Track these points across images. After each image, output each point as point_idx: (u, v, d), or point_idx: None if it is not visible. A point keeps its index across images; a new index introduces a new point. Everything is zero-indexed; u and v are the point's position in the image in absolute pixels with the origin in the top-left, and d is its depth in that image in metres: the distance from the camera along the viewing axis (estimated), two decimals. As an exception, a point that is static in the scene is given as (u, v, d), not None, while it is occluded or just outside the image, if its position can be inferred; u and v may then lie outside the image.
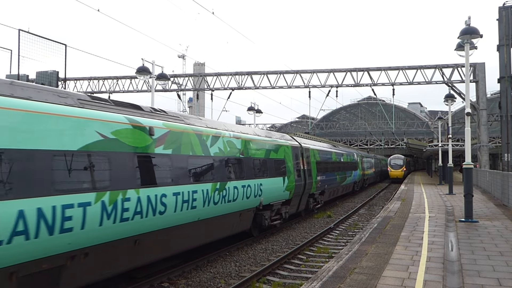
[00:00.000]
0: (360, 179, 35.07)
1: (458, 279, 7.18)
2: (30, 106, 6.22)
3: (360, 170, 34.36)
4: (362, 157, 36.49)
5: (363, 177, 36.50)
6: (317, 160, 20.95)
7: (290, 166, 16.51)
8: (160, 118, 9.20)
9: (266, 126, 72.49)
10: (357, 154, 34.61)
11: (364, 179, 37.64)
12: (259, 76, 33.52)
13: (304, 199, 18.85)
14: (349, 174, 28.95)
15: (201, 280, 9.78)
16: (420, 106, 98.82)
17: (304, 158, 18.85)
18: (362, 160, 36.51)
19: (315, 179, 19.94)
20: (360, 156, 35.40)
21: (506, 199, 17.59)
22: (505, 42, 26.24)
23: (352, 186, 31.11)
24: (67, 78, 33.45)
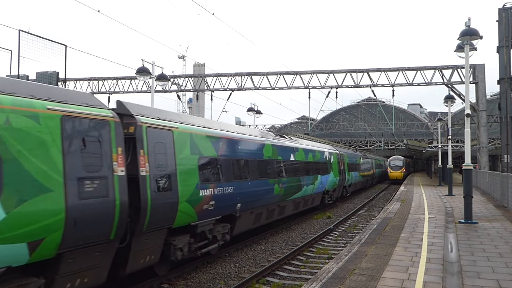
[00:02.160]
0: (337, 187, 25.17)
1: (458, 280, 7.18)
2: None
3: (336, 174, 24.62)
4: (340, 156, 26.75)
5: (342, 183, 26.50)
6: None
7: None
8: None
9: (265, 127, 72.50)
10: (331, 151, 24.78)
11: (344, 186, 27.70)
12: (259, 77, 33.53)
13: None
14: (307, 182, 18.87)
15: (200, 281, 9.78)
16: (420, 107, 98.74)
17: None
18: (341, 159, 26.73)
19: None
20: (336, 155, 25.54)
21: (505, 200, 17.59)
22: (505, 44, 26.28)
23: (319, 198, 21.84)
24: (67, 79, 33.45)
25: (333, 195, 24.75)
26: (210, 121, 11.82)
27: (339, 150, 28.09)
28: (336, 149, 27.12)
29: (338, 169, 25.24)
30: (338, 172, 25.13)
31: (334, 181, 23.96)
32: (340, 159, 26.58)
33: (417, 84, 31.16)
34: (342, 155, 27.43)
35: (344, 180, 27.26)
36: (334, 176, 24.01)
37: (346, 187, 28.73)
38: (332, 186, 23.80)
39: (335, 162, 24.80)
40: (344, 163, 27.69)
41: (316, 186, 20.01)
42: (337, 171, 24.92)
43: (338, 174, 25.19)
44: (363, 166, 37.05)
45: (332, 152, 24.55)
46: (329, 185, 22.91)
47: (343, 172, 26.82)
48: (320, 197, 21.86)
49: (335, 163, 24.78)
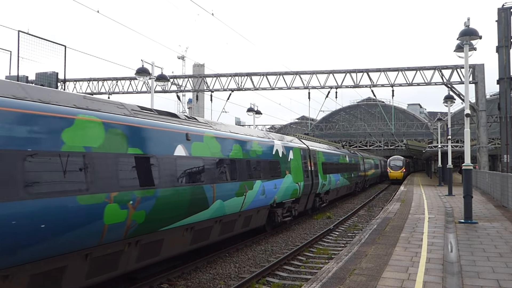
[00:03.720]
0: (301, 195, 17.93)
1: (458, 280, 7.18)
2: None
3: (298, 178, 17.34)
4: (308, 152, 19.52)
5: (311, 190, 19.39)
6: None
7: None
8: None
9: (265, 127, 72.52)
10: (288, 144, 17.23)
11: (317, 193, 20.82)
12: (258, 77, 33.55)
13: None
14: None
15: (200, 281, 9.78)
16: (419, 107, 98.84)
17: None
18: (311, 157, 19.75)
19: None
20: (299, 150, 18.12)
21: (505, 200, 17.59)
22: (504, 44, 26.32)
23: (263, 215, 14.72)
24: (67, 79, 33.48)
25: (295, 207, 17.32)
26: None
27: (310, 145, 20.97)
28: (301, 143, 19.65)
29: (303, 171, 17.99)
30: (303, 175, 17.87)
31: (293, 188, 16.51)
32: (309, 156, 19.35)
33: (416, 84, 31.20)
34: (313, 152, 20.33)
35: (316, 186, 19.96)
36: (295, 181, 16.70)
37: (321, 194, 21.65)
38: (291, 195, 16.42)
39: (297, 161, 17.43)
40: (317, 162, 20.68)
41: (251, 197, 12.70)
42: (300, 173, 17.60)
43: (304, 178, 17.92)
44: (350, 167, 30.10)
45: (290, 146, 17.05)
46: (283, 194, 15.55)
47: (314, 174, 19.69)
48: (265, 213, 14.50)
49: (297, 161, 17.42)
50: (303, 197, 18.52)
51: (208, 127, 11.40)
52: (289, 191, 16.20)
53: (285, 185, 15.73)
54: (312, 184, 19.38)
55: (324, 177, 21.61)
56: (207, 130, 11.14)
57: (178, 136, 9.64)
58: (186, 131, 10.01)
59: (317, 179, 20.28)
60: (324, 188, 21.80)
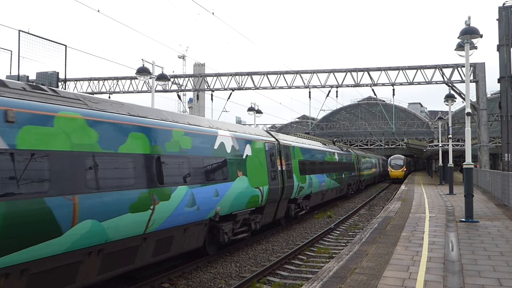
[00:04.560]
0: (266, 203, 14.16)
1: (459, 279, 7.17)
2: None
3: (261, 181, 13.71)
4: (277, 148, 15.60)
5: (283, 195, 15.55)
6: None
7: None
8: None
9: (266, 126, 72.50)
10: (242, 136, 13.50)
11: (293, 199, 17.18)
12: (259, 76, 33.53)
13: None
14: None
15: (201, 280, 9.78)
16: (420, 106, 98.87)
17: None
18: (281, 153, 15.84)
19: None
20: (263, 144, 14.47)
21: (506, 199, 17.58)
22: (505, 42, 26.30)
23: (198, 235, 10.69)
24: (68, 79, 33.49)
25: (255, 219, 13.44)
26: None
27: (283, 138, 16.89)
28: (268, 135, 15.55)
29: (268, 171, 14.04)
30: (267, 177, 13.92)
31: (251, 195, 12.62)
32: (279, 153, 15.49)
33: (417, 83, 31.16)
34: (286, 147, 16.35)
35: (290, 190, 16.04)
36: (253, 185, 12.83)
37: (298, 200, 17.73)
38: (247, 204, 12.55)
39: (258, 158, 13.53)
40: (292, 160, 16.75)
41: (166, 211, 8.92)
42: (264, 174, 13.65)
43: (269, 180, 14.00)
44: (340, 166, 26.64)
45: (247, 139, 13.04)
46: (233, 203, 11.65)
47: (287, 175, 15.80)
48: (200, 231, 10.44)
49: (258, 159, 13.51)
50: (270, 205, 14.41)
51: (71, 103, 7.24)
52: (244, 198, 12.17)
53: (236, 191, 11.67)
54: (284, 188, 15.39)
55: (303, 179, 17.84)
56: (65, 108, 6.97)
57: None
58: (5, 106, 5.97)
59: (291, 181, 16.32)
60: (303, 192, 18.08)
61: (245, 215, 12.74)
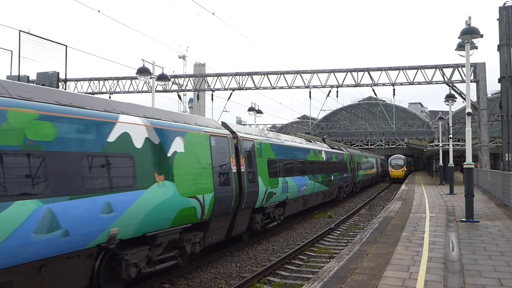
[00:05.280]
0: (211, 217, 10.56)
1: (459, 279, 7.17)
2: None
3: (197, 188, 9.94)
4: (226, 142, 12.09)
5: (239, 203, 12.17)
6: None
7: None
8: None
9: (266, 126, 72.50)
10: (159, 125, 9.29)
11: (259, 208, 13.93)
12: (259, 76, 33.53)
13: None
14: None
15: (201, 280, 9.78)
16: (420, 106, 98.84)
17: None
18: (234, 148, 12.19)
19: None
20: (204, 138, 10.68)
21: (507, 199, 17.57)
22: (506, 42, 26.29)
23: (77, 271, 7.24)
24: (68, 79, 33.47)
25: (193, 239, 10.05)
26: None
27: (244, 131, 13.46)
28: (218, 127, 11.79)
29: (214, 173, 10.64)
30: (212, 181, 10.52)
31: (179, 207, 9.22)
32: (235, 149, 12.13)
33: (417, 83, 31.15)
34: (246, 142, 12.97)
35: (252, 197, 12.81)
36: (185, 193, 9.39)
37: (268, 209, 14.45)
38: (174, 221, 9.17)
39: (197, 156, 10.12)
40: (256, 159, 13.43)
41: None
42: (207, 177, 10.34)
43: (215, 186, 10.65)
44: (329, 166, 23.22)
45: (177, 130, 9.63)
46: (149, 220, 8.38)
47: (247, 178, 12.52)
48: (81, 269, 7.20)
49: (196, 158, 10.10)
50: (219, 219, 10.97)
51: None
52: (168, 212, 8.73)
53: (151, 203, 8.25)
54: (242, 195, 12.02)
55: (273, 182, 14.45)
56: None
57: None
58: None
59: (255, 185, 12.92)
60: (274, 199, 14.67)
61: (173, 235, 9.17)
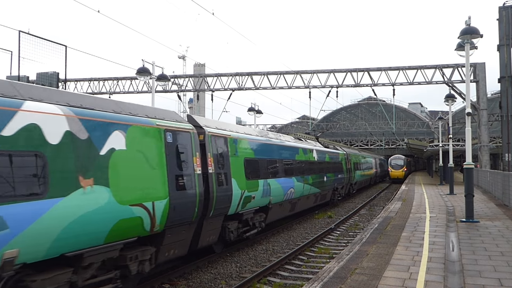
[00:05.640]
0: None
1: (459, 279, 7.17)
2: None
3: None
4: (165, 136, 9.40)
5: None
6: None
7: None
8: None
9: (266, 126, 72.47)
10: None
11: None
12: (259, 76, 33.52)
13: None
14: None
15: (201, 281, 9.78)
16: (420, 106, 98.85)
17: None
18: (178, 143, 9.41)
19: None
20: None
21: (507, 199, 17.57)
22: (505, 42, 26.27)
23: None
24: (68, 79, 33.46)
25: (143, 256, 8.19)
26: None
27: (214, 126, 11.58)
28: (181, 120, 9.84)
29: (169, 175, 8.70)
30: (166, 185, 8.56)
31: (122, 217, 7.33)
32: (198, 147, 10.01)
33: (417, 83, 31.14)
34: (217, 139, 11.25)
35: (224, 202, 11.13)
36: (122, 200, 7.37)
37: (245, 215, 12.63)
38: (112, 235, 7.23)
39: (138, 154, 7.93)
40: (226, 158, 11.52)
41: None
42: (155, 180, 8.24)
43: (170, 191, 8.68)
44: (322, 167, 21.62)
45: (114, 121, 7.54)
46: (69, 236, 6.45)
47: (214, 180, 10.73)
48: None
49: (144, 156, 8.08)
50: (179, 230, 8.98)
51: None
52: (98, 225, 6.93)
53: (72, 214, 6.51)
54: (210, 200, 10.28)
55: (252, 185, 12.70)
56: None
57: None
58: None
59: (227, 189, 11.17)
60: (253, 204, 12.93)
61: (110, 253, 7.26)
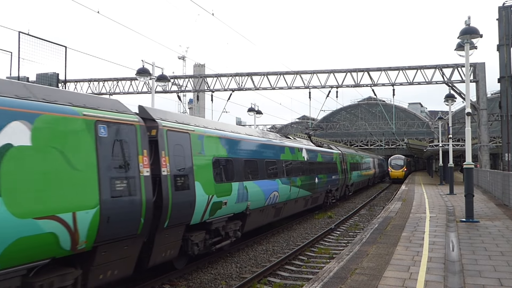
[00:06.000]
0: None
1: (459, 279, 7.17)
2: None
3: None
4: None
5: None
6: None
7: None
8: None
9: (266, 127, 72.45)
10: None
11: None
12: (259, 77, 33.52)
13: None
14: None
15: (202, 281, 9.78)
16: (420, 106, 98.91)
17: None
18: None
19: None
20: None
21: (507, 199, 17.57)
22: (505, 42, 26.28)
23: None
24: (68, 80, 33.48)
25: (57, 282, 6.36)
26: None
27: (167, 119, 9.41)
28: (108, 108, 7.50)
29: (99, 178, 6.91)
30: (96, 191, 6.81)
31: (22, 235, 5.63)
32: (145, 143, 8.05)
33: (417, 83, 31.14)
34: (175, 135, 9.28)
35: (185, 210, 9.35)
36: (17, 212, 5.60)
37: (214, 224, 10.82)
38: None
39: (48, 151, 6.22)
40: (187, 157, 9.64)
41: None
42: (75, 185, 6.47)
43: (101, 198, 6.89)
44: (313, 167, 19.66)
45: (4, 108, 5.66)
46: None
47: (170, 183, 8.80)
48: None
49: (47, 153, 6.20)
50: (119, 247, 7.41)
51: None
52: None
53: None
54: (161, 208, 8.48)
55: (222, 189, 10.82)
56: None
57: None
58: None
59: (188, 194, 9.34)
60: (225, 210, 11.03)
61: (7, 283, 5.75)
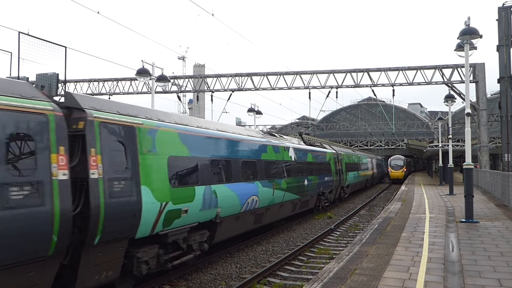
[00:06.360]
0: None
1: (459, 279, 7.17)
2: None
3: None
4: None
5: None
6: None
7: None
8: None
9: (266, 127, 72.44)
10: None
11: None
12: (259, 77, 33.53)
13: None
14: None
15: (201, 281, 9.78)
16: (420, 106, 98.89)
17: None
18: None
19: None
20: None
21: (506, 199, 17.58)
22: (505, 42, 26.28)
23: None
24: (68, 80, 33.43)
25: None
26: None
27: (103, 109, 7.89)
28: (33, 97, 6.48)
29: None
30: None
31: None
32: (65, 139, 6.57)
33: (417, 83, 31.14)
34: (115, 130, 7.75)
35: (125, 221, 7.52)
36: None
37: (171, 237, 9.07)
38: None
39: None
40: (133, 156, 7.89)
41: None
42: None
43: None
44: (298, 168, 17.60)
45: None
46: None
47: (103, 189, 7.06)
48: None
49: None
50: (18, 272, 5.68)
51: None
52: None
53: None
54: (88, 219, 6.83)
55: (181, 194, 9.22)
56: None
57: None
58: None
59: (132, 201, 7.75)
60: (185, 220, 9.42)
61: None
